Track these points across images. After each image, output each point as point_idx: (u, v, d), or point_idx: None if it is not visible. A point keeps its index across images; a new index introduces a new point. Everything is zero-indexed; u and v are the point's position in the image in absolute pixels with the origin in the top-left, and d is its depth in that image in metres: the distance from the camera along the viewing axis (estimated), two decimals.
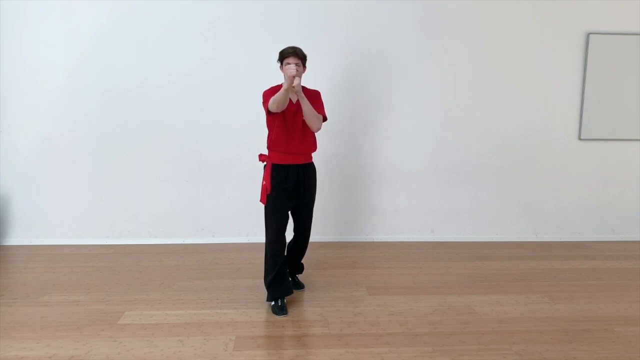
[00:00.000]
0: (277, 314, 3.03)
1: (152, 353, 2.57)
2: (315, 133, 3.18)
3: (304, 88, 3.08)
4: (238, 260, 4.09)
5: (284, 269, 3.12)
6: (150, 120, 4.45)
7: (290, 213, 3.23)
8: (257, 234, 4.53)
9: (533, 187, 4.72)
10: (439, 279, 3.68)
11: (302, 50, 3.03)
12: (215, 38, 4.38)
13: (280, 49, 3.06)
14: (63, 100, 4.39)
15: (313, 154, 3.24)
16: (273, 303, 3.10)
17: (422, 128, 4.59)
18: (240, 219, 4.58)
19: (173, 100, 4.44)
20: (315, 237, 4.38)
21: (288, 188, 3.09)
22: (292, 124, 3.06)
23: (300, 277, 3.60)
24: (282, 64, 3.04)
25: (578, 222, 4.78)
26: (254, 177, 4.20)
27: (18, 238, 4.52)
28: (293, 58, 2.97)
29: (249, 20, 4.37)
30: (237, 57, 4.40)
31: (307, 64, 3.10)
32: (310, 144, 3.16)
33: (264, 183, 3.10)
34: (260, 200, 3.13)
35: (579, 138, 4.67)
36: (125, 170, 4.50)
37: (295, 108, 3.06)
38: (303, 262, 3.51)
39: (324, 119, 3.15)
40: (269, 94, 3.00)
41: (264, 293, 3.21)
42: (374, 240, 4.67)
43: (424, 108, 4.57)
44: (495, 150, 4.66)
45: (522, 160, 4.68)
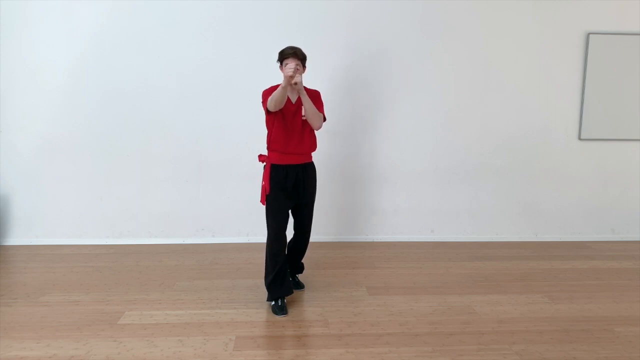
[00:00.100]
0: (277, 314, 3.03)
1: (152, 353, 2.57)
2: (316, 132, 3.19)
3: (305, 88, 3.09)
4: (238, 260, 4.09)
5: (285, 269, 3.12)
6: (150, 120, 4.46)
7: (291, 212, 3.24)
8: (257, 234, 4.53)
9: (533, 187, 4.72)
10: (439, 279, 3.68)
11: (302, 51, 3.03)
12: (215, 38, 4.38)
13: (280, 49, 3.06)
14: (63, 100, 4.40)
15: (313, 154, 3.25)
16: (273, 303, 3.10)
17: (422, 128, 4.59)
18: (240, 219, 4.58)
19: (173, 100, 4.44)
20: (315, 237, 4.38)
21: (287, 188, 3.09)
22: (291, 124, 3.06)
23: (300, 277, 3.60)
24: (281, 64, 3.04)
25: (578, 222, 4.78)
26: (254, 177, 4.21)
27: (18, 238, 4.52)
28: (293, 59, 2.97)
29: (249, 20, 4.37)
30: (237, 57, 4.40)
31: (307, 64, 3.10)
32: (310, 144, 3.16)
33: (263, 184, 3.10)
34: (261, 201, 3.13)
35: (579, 138, 4.67)
36: (125, 170, 4.50)
37: (295, 108, 3.06)
38: (303, 262, 3.51)
39: (324, 119, 3.16)
40: (268, 93, 3.00)
41: (264, 293, 3.21)
42: (374, 240, 4.67)
43: (424, 108, 4.57)
44: (495, 150, 4.66)
45: (522, 160, 4.68)
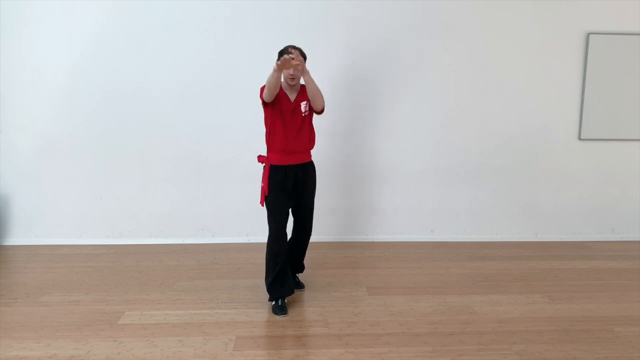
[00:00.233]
0: (277, 314, 3.03)
1: (152, 353, 2.58)
2: (315, 132, 3.18)
3: (303, 86, 3.09)
4: (238, 260, 4.09)
5: (285, 269, 3.11)
6: (150, 120, 4.45)
7: (291, 212, 3.23)
8: (257, 234, 4.53)
9: (533, 187, 4.72)
10: (439, 279, 3.68)
11: (302, 51, 3.04)
12: (215, 38, 4.38)
13: (280, 49, 3.06)
14: (63, 100, 4.39)
15: (313, 154, 3.24)
16: (273, 303, 3.10)
17: (422, 128, 4.59)
18: (240, 219, 4.58)
19: (173, 100, 4.44)
20: (315, 237, 4.36)
21: (287, 188, 3.09)
22: (289, 121, 3.04)
23: (300, 277, 3.60)
24: None
25: (578, 222, 4.78)
26: (254, 177, 4.20)
27: (18, 238, 4.52)
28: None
29: (249, 20, 4.37)
30: (237, 57, 4.40)
31: (307, 64, 3.09)
32: (308, 141, 3.14)
33: (262, 185, 3.09)
34: (260, 203, 3.13)
35: (579, 138, 4.67)
36: (125, 170, 4.50)
37: (293, 106, 3.06)
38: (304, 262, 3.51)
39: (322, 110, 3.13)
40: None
41: (264, 293, 3.21)
42: (374, 240, 4.67)
43: (424, 108, 4.57)
44: (495, 150, 4.66)
45: (522, 160, 4.68)
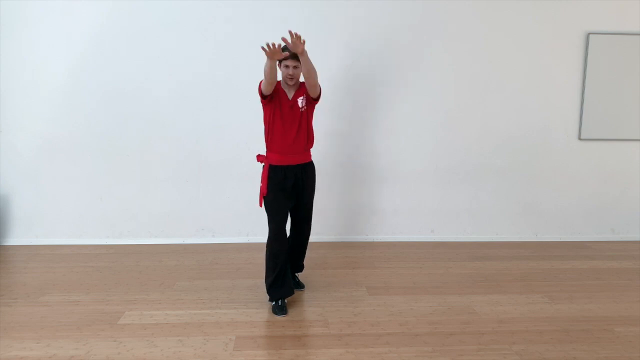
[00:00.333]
0: (277, 314, 3.03)
1: (152, 353, 2.58)
2: (315, 131, 3.17)
3: (302, 83, 3.08)
4: (238, 260, 4.09)
5: (285, 270, 3.10)
6: (150, 120, 4.45)
7: (289, 212, 3.23)
8: (257, 234, 4.52)
9: (533, 187, 4.72)
10: (439, 279, 3.68)
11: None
12: (215, 38, 4.38)
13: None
14: (63, 100, 4.39)
15: (313, 153, 3.23)
16: (273, 303, 3.10)
17: (422, 128, 4.59)
18: (240, 219, 4.58)
19: (173, 100, 4.44)
20: (315, 237, 4.38)
21: (287, 189, 3.08)
22: (289, 120, 3.03)
23: (300, 277, 3.60)
24: (280, 63, 3.02)
25: (578, 222, 4.78)
26: (254, 177, 4.18)
27: (18, 238, 4.51)
28: (292, 60, 2.96)
29: (249, 20, 4.37)
30: (237, 57, 4.40)
31: None
32: (307, 141, 3.12)
33: (261, 185, 3.08)
34: (259, 204, 3.12)
35: (579, 138, 4.66)
36: (125, 170, 4.50)
37: (291, 103, 3.04)
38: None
39: (319, 96, 3.11)
40: None
41: (264, 293, 3.20)
42: (374, 240, 4.67)
43: (424, 108, 4.57)
44: (495, 150, 4.66)
45: (522, 160, 4.68)
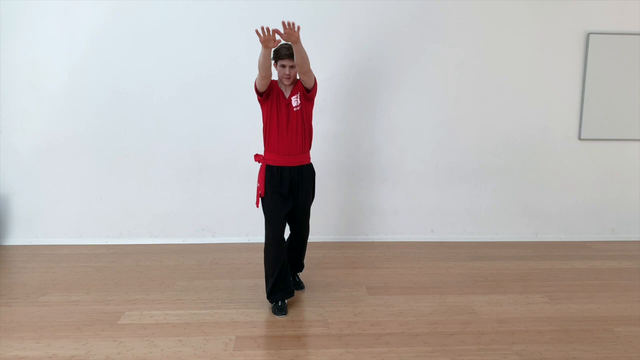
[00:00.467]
0: (276, 314, 3.03)
1: (152, 353, 2.57)
2: (314, 131, 3.16)
3: (298, 81, 3.06)
4: (238, 260, 4.09)
5: (285, 272, 3.09)
6: (151, 120, 4.45)
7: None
8: (257, 234, 4.53)
9: (533, 187, 4.72)
10: (439, 279, 3.68)
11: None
12: (216, 38, 4.38)
13: (276, 48, 2.96)
14: (63, 100, 4.39)
15: (313, 153, 3.22)
16: (273, 303, 3.10)
17: (422, 128, 4.59)
18: (240, 219, 4.58)
19: (173, 100, 4.44)
20: (316, 237, 4.39)
21: (284, 190, 3.04)
22: (286, 119, 3.00)
23: (301, 276, 3.59)
24: (276, 63, 3.01)
25: (578, 222, 4.78)
26: (254, 177, 4.18)
27: (18, 238, 4.52)
28: (288, 60, 2.94)
29: (249, 20, 4.36)
30: (237, 57, 4.40)
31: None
32: (304, 142, 3.08)
33: (258, 186, 3.07)
34: (256, 204, 3.11)
35: (579, 138, 4.67)
36: (125, 170, 4.50)
37: (288, 102, 3.03)
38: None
39: (314, 88, 3.07)
40: None
41: (264, 293, 3.20)
42: (374, 240, 4.67)
43: (424, 108, 4.57)
44: (495, 150, 4.66)
45: (522, 161, 4.68)
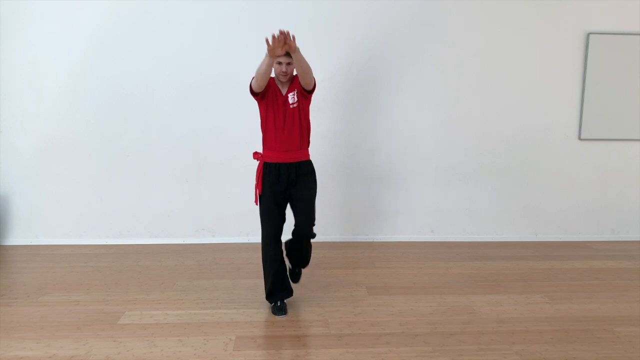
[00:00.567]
0: (276, 315, 3.03)
1: (152, 353, 2.57)
2: (312, 130, 3.15)
3: (295, 77, 3.05)
4: (238, 260, 4.09)
5: (282, 271, 3.09)
6: (150, 120, 4.45)
7: (290, 206, 3.18)
8: (257, 234, 4.46)
9: (533, 187, 4.72)
10: (439, 279, 3.68)
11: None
12: (216, 38, 4.38)
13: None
14: (63, 100, 4.39)
15: (313, 154, 3.21)
16: (273, 304, 3.10)
17: (422, 128, 4.59)
18: (240, 219, 4.58)
19: (173, 100, 4.44)
20: (316, 237, 4.37)
21: (281, 187, 3.03)
22: (282, 116, 3.00)
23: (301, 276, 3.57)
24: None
25: (578, 222, 4.78)
26: (254, 177, 4.20)
27: (18, 238, 4.52)
28: (285, 57, 2.93)
29: (249, 20, 4.37)
30: (237, 57, 4.39)
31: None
32: (302, 138, 3.07)
33: (256, 183, 3.07)
34: (255, 202, 3.11)
35: (579, 138, 4.67)
36: (125, 170, 4.50)
37: (284, 99, 3.02)
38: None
39: (313, 88, 3.05)
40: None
41: (264, 293, 3.20)
42: (374, 240, 4.67)
43: (424, 108, 4.57)
44: (495, 150, 4.66)
45: (522, 160, 4.68)
